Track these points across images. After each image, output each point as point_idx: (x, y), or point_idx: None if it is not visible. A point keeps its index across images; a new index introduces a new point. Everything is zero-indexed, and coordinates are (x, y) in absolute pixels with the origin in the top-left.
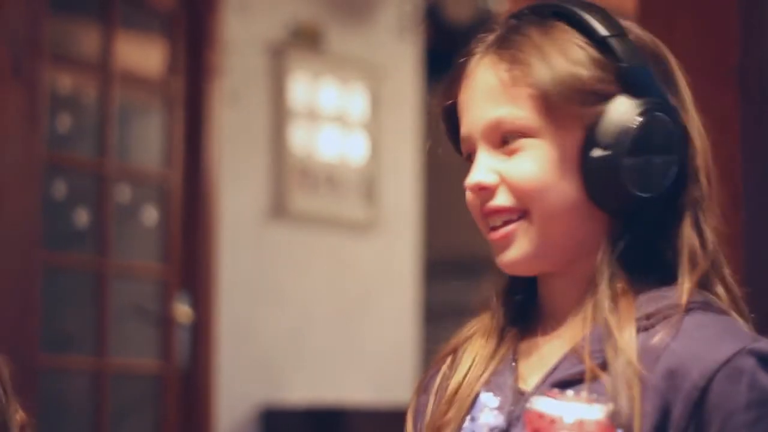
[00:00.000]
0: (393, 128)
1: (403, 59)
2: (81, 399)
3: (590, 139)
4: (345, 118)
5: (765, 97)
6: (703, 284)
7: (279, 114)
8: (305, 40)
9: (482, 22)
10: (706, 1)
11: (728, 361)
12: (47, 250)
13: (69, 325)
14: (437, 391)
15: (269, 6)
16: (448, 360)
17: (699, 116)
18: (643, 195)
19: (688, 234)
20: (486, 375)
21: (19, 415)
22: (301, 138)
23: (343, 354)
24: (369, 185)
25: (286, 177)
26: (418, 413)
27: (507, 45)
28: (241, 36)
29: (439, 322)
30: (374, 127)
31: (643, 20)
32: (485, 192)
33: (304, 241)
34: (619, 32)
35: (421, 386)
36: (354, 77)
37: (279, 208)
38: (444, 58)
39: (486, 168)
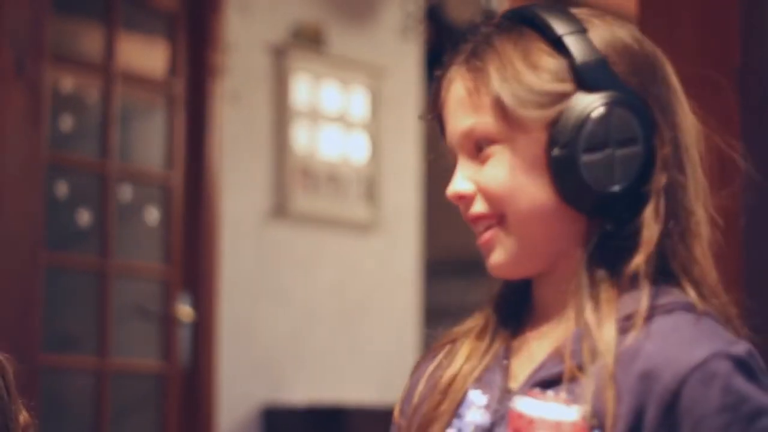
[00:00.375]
0: (394, 128)
1: (404, 60)
2: (82, 398)
3: (552, 139)
4: (346, 118)
5: (765, 97)
6: (672, 279)
7: (280, 114)
8: (307, 40)
9: (483, 23)
10: (707, 2)
11: (701, 364)
12: (49, 250)
13: (71, 325)
14: (429, 377)
15: (271, 6)
16: (446, 349)
17: (690, 105)
18: (607, 190)
19: (648, 224)
20: (479, 370)
21: (22, 416)
22: (302, 138)
23: (343, 354)
24: (370, 185)
25: (288, 177)
26: (407, 394)
27: (475, 56)
28: (243, 36)
29: (440, 323)
30: (375, 127)
31: (645, 21)
32: (464, 200)
33: (305, 240)
34: (576, 30)
35: (416, 368)
36: (355, 77)
37: (280, 208)
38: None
39: (463, 177)
